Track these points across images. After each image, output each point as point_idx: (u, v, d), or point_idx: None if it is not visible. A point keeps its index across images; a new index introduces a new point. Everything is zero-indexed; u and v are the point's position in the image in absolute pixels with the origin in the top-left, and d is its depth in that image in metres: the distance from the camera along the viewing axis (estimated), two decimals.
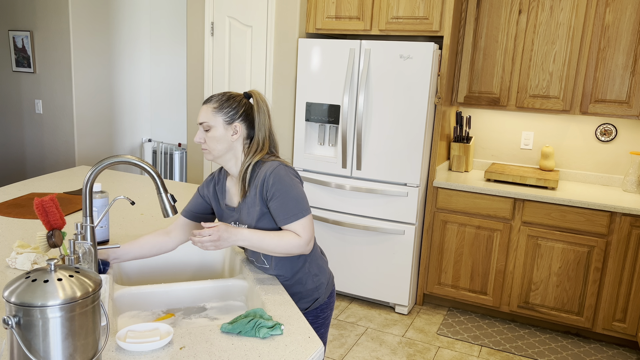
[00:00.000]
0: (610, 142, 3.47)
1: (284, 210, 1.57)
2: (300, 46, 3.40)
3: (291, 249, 1.57)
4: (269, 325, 1.32)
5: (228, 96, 1.63)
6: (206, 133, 1.62)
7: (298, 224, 1.58)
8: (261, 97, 1.65)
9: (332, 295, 1.82)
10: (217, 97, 1.63)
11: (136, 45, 4.90)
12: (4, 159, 4.80)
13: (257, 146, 1.63)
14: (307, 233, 1.58)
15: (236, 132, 1.62)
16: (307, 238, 1.58)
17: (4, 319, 0.97)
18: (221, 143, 1.62)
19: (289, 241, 1.56)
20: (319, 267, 1.76)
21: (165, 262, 1.98)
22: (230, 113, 1.61)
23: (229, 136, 1.61)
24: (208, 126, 1.61)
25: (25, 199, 2.41)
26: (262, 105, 1.64)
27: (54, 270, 1.03)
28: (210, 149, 1.63)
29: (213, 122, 1.61)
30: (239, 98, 1.64)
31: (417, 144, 3.19)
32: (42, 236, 1.51)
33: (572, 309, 3.17)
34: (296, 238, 1.57)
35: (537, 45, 3.28)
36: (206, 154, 1.65)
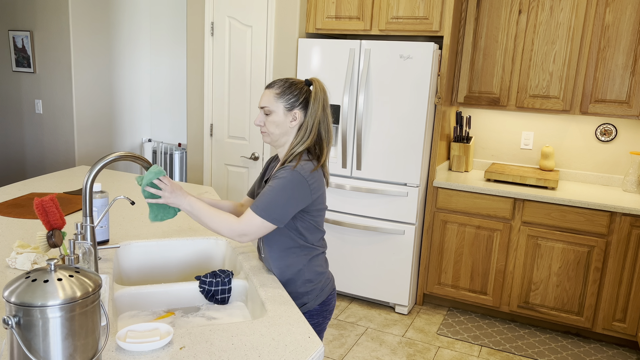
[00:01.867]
0: (610, 142, 3.47)
1: (259, 198, 1.57)
2: (300, 46, 3.40)
3: (222, 228, 1.55)
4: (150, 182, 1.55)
5: (290, 83, 1.65)
6: (266, 117, 1.65)
7: (252, 215, 1.55)
8: (321, 86, 1.66)
9: (327, 304, 1.76)
10: (279, 83, 1.66)
11: (136, 45, 4.90)
12: (4, 159, 4.80)
13: (303, 133, 1.64)
14: (248, 227, 1.55)
15: (295, 118, 1.64)
16: (243, 229, 1.55)
17: (4, 319, 0.97)
18: (280, 128, 1.65)
19: (224, 220, 1.56)
20: (316, 275, 1.71)
21: (165, 262, 1.98)
22: (292, 100, 1.64)
23: (287, 122, 1.64)
24: (269, 111, 1.64)
25: (25, 199, 2.41)
26: (320, 95, 1.64)
27: (54, 270, 1.03)
28: (269, 132, 1.66)
29: (274, 107, 1.64)
30: (300, 85, 1.66)
31: (417, 144, 3.19)
32: (42, 236, 1.51)
33: (572, 309, 3.17)
34: (234, 222, 1.55)
35: (537, 45, 3.28)
36: (264, 137, 1.70)
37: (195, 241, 2.00)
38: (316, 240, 1.71)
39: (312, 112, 1.64)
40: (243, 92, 3.65)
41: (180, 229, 2.10)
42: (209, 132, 3.82)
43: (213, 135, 3.82)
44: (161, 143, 5.12)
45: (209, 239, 2.02)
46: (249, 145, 3.70)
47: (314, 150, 1.66)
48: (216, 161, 3.85)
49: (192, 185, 2.86)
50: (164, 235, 2.02)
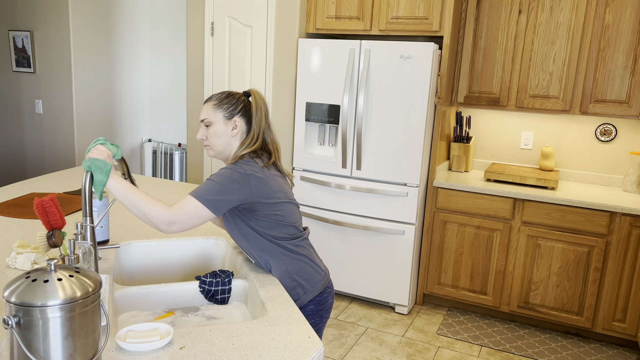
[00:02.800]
0: (610, 142, 3.47)
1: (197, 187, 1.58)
2: (300, 46, 3.40)
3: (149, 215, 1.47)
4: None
5: (227, 94, 1.70)
6: (207, 129, 1.68)
7: (187, 200, 1.51)
8: (260, 96, 1.70)
9: (322, 303, 1.73)
10: (217, 95, 1.70)
11: (136, 45, 4.90)
12: (4, 159, 4.80)
13: (250, 140, 1.67)
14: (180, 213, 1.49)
15: (235, 126, 1.67)
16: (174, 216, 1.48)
17: (4, 319, 0.97)
18: (221, 138, 1.67)
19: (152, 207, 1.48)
20: (299, 269, 1.69)
21: (165, 262, 1.98)
22: (230, 109, 1.67)
23: (228, 131, 1.67)
24: (209, 122, 1.67)
25: (25, 199, 2.41)
26: (260, 104, 1.68)
27: (54, 270, 1.03)
28: (212, 144, 1.68)
29: (213, 117, 1.67)
30: (237, 95, 1.70)
31: (417, 144, 3.19)
32: (42, 236, 1.51)
33: (572, 309, 3.17)
34: (161, 209, 1.48)
35: (537, 45, 3.28)
36: (208, 150, 1.71)
37: (195, 241, 2.00)
38: (285, 235, 1.68)
39: (257, 121, 1.67)
40: None
41: None
42: None
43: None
44: (161, 143, 5.12)
45: (208, 239, 2.02)
46: None
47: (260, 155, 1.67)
48: (216, 161, 3.85)
49: (192, 186, 2.86)
50: (163, 235, 2.02)
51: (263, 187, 1.60)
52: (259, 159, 1.65)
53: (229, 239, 2.01)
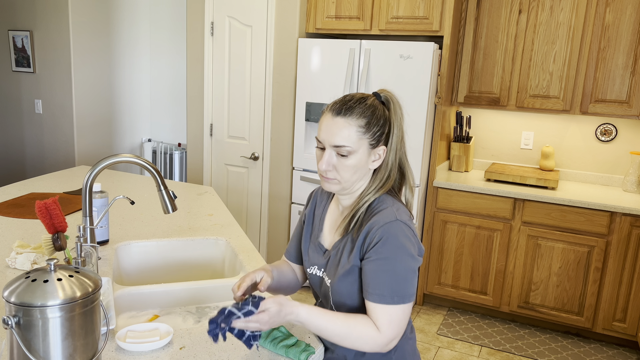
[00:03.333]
0: (611, 142, 3.46)
1: (376, 283, 1.15)
2: (300, 46, 3.40)
3: (362, 345, 1.14)
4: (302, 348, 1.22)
5: (371, 107, 1.19)
6: (341, 159, 1.18)
7: (384, 312, 1.14)
8: (397, 102, 1.23)
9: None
10: (360, 109, 1.18)
11: (136, 45, 4.90)
12: (4, 159, 4.80)
13: (383, 174, 1.22)
14: (392, 329, 1.14)
15: (378, 156, 1.22)
16: (389, 336, 1.14)
17: (4, 319, 0.97)
18: (358, 172, 1.20)
19: (361, 335, 1.13)
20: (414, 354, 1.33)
21: (165, 262, 1.98)
22: (377, 133, 1.19)
23: (369, 163, 1.21)
24: (348, 151, 1.17)
25: (25, 199, 2.41)
26: (399, 115, 1.22)
27: (54, 270, 1.03)
28: (342, 179, 1.20)
29: (357, 145, 1.17)
30: (381, 108, 1.21)
31: (417, 144, 3.19)
32: (47, 239, 1.50)
33: (572, 309, 3.16)
34: (372, 332, 1.14)
35: (537, 45, 3.28)
36: (329, 184, 1.23)
37: (195, 241, 2.00)
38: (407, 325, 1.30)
39: (393, 144, 1.21)
40: (243, 92, 3.64)
41: (180, 229, 2.10)
42: (208, 132, 3.81)
43: (213, 135, 3.81)
44: (161, 143, 5.12)
45: (208, 239, 2.01)
46: (248, 145, 3.70)
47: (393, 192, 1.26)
48: (216, 161, 3.84)
49: (192, 185, 2.86)
50: (164, 235, 2.02)
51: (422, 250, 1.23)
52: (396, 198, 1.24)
53: (229, 239, 2.00)
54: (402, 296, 1.14)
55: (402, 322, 1.16)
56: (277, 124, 3.59)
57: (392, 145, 1.21)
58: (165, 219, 2.22)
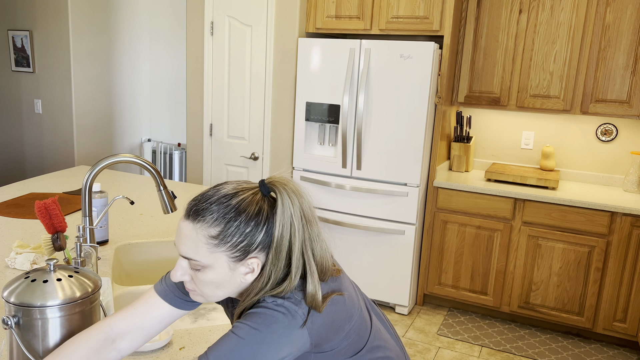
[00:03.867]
0: (611, 142, 3.46)
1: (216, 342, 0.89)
2: (300, 46, 3.39)
3: None
4: None
5: (237, 207, 0.91)
6: (195, 273, 0.95)
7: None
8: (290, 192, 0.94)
9: None
10: (215, 212, 0.91)
11: (136, 45, 4.90)
12: (4, 159, 4.79)
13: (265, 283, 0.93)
14: None
15: (252, 270, 0.94)
16: None
17: (3, 319, 0.96)
18: (223, 288, 0.95)
19: None
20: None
21: (165, 262, 1.97)
22: (243, 243, 0.91)
23: (237, 278, 0.94)
24: (198, 266, 0.93)
25: (24, 199, 2.40)
26: (289, 212, 0.92)
27: (54, 270, 1.03)
28: (203, 294, 0.96)
29: (209, 260, 0.92)
30: (254, 206, 0.92)
31: (417, 144, 3.18)
32: (47, 239, 1.50)
33: (572, 309, 3.16)
34: None
35: (537, 44, 3.27)
36: (194, 295, 0.98)
37: None
38: None
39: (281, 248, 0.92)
40: (243, 92, 3.64)
41: None
42: (208, 132, 3.81)
43: (213, 135, 3.81)
44: (161, 143, 5.12)
45: None
46: (248, 145, 3.69)
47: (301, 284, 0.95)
48: (216, 161, 3.84)
49: (192, 185, 2.86)
50: (163, 235, 2.01)
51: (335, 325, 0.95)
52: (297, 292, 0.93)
53: None
54: None
55: None
56: (277, 124, 3.59)
57: (274, 253, 0.92)
58: (165, 219, 2.22)
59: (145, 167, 1.51)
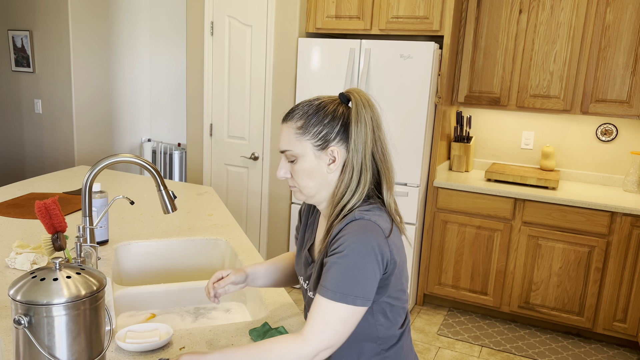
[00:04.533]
0: (611, 142, 3.46)
1: (325, 276, 1.05)
2: (300, 46, 3.39)
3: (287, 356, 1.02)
4: None
5: (317, 105, 1.13)
6: (292, 165, 1.15)
7: (320, 308, 1.03)
8: (364, 98, 1.14)
9: None
10: (301, 110, 1.13)
11: (136, 45, 4.90)
12: (4, 159, 4.79)
13: (349, 177, 1.11)
14: (321, 334, 1.02)
15: (333, 159, 1.12)
16: (315, 344, 1.02)
17: (15, 318, 0.97)
18: (314, 178, 1.13)
19: (282, 353, 1.02)
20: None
21: (165, 262, 1.97)
22: (323, 132, 1.11)
23: (324, 167, 1.12)
24: (293, 156, 1.13)
25: (24, 199, 2.41)
26: (363, 112, 1.11)
27: (59, 269, 1.03)
28: (301, 186, 1.15)
29: (299, 148, 1.12)
30: (332, 106, 1.13)
31: (418, 144, 3.18)
32: (47, 239, 1.50)
33: (572, 309, 3.16)
34: (295, 345, 1.02)
35: (537, 44, 3.27)
36: (296, 194, 1.18)
37: (195, 241, 2.00)
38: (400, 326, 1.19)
39: (357, 144, 1.10)
40: (243, 92, 3.64)
41: (180, 229, 2.09)
42: (208, 132, 3.81)
43: (213, 135, 3.81)
44: (161, 143, 5.12)
45: (208, 239, 2.01)
46: (248, 145, 3.69)
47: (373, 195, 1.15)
48: (216, 161, 3.84)
49: (192, 185, 2.86)
50: (163, 235, 2.01)
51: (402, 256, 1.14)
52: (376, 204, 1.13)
53: (229, 239, 2.00)
54: (345, 294, 1.02)
55: (338, 327, 1.02)
56: (277, 124, 3.59)
57: (353, 144, 1.10)
58: (165, 219, 2.22)
59: (145, 167, 1.51)
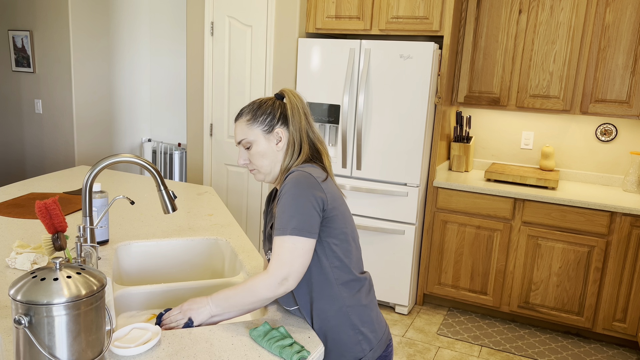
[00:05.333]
0: (611, 142, 3.46)
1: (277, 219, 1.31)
2: (300, 46, 3.40)
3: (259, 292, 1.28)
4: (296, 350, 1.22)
5: (259, 103, 1.46)
6: (248, 151, 1.45)
7: (277, 244, 1.28)
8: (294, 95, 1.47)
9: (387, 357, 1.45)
10: (247, 109, 1.46)
11: (136, 45, 4.90)
12: (4, 159, 4.79)
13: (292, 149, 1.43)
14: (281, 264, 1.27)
15: (280, 139, 1.42)
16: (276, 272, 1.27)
17: (16, 318, 0.97)
18: (267, 157, 1.43)
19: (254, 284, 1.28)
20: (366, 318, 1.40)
21: (165, 262, 1.98)
22: (267, 120, 1.42)
23: (273, 146, 1.43)
24: (248, 143, 1.44)
25: (25, 198, 2.41)
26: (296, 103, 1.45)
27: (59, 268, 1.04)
28: (258, 167, 1.44)
29: (252, 136, 1.43)
30: (270, 102, 1.46)
31: (417, 144, 3.19)
32: (47, 239, 1.50)
33: (572, 309, 3.17)
34: (261, 277, 1.28)
35: (537, 45, 3.28)
36: (256, 175, 1.47)
37: (195, 241, 2.00)
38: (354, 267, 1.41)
39: (295, 124, 1.43)
40: (243, 92, 3.64)
41: (180, 229, 2.10)
42: (208, 132, 3.81)
43: (213, 135, 3.81)
44: (161, 143, 5.12)
45: (208, 239, 2.01)
46: None
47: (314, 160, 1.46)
48: (216, 161, 3.84)
49: (192, 185, 2.86)
50: (163, 235, 2.02)
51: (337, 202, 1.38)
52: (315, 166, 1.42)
53: (229, 239, 2.00)
54: (295, 228, 1.27)
55: (295, 256, 1.27)
56: None
57: (292, 126, 1.43)
58: (165, 219, 2.22)
59: (145, 167, 1.52)
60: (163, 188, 1.56)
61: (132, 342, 1.23)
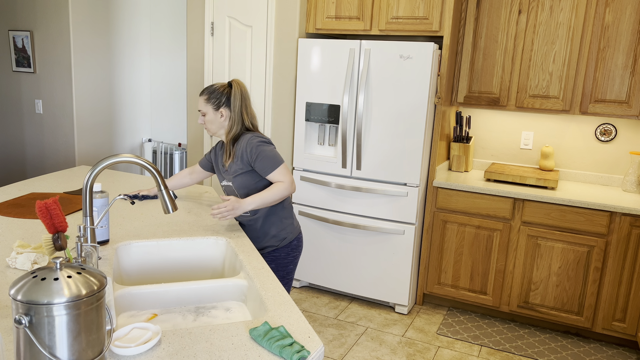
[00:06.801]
0: (610, 142, 3.47)
1: (264, 166, 2.12)
2: (300, 46, 3.40)
3: (282, 192, 2.11)
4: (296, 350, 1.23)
5: (214, 88, 2.18)
6: (204, 118, 2.20)
7: (277, 172, 2.12)
8: (238, 85, 2.18)
9: (300, 239, 2.34)
10: (206, 90, 2.19)
11: (136, 45, 4.91)
12: (4, 159, 4.80)
13: (232, 123, 2.18)
14: (286, 177, 2.14)
15: (222, 115, 2.18)
16: (288, 180, 2.14)
17: (16, 318, 0.97)
18: (214, 124, 2.20)
19: (278, 188, 2.11)
20: (289, 213, 2.31)
21: (165, 262, 1.98)
22: (216, 102, 2.17)
23: (218, 118, 2.19)
24: (203, 112, 2.20)
25: (25, 199, 2.41)
26: (236, 91, 2.17)
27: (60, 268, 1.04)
28: (208, 128, 2.23)
29: (205, 109, 2.19)
30: (222, 88, 2.18)
31: (417, 144, 3.19)
32: (47, 239, 1.51)
33: (571, 308, 3.17)
34: (281, 184, 2.11)
35: (537, 45, 3.28)
36: (207, 131, 2.25)
37: (195, 241, 2.00)
38: None
39: (234, 107, 2.16)
40: None
41: (180, 229, 2.10)
42: None
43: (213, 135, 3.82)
44: (161, 143, 5.12)
45: (208, 239, 2.02)
46: None
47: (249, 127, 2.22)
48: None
49: (192, 185, 2.86)
50: (164, 235, 2.02)
51: None
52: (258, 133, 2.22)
53: (229, 239, 2.01)
54: (280, 161, 2.14)
55: (287, 172, 2.15)
56: (277, 124, 3.59)
57: (231, 107, 2.17)
58: (165, 219, 2.23)
59: (145, 167, 1.52)
60: (163, 188, 1.56)
61: (133, 342, 1.24)
